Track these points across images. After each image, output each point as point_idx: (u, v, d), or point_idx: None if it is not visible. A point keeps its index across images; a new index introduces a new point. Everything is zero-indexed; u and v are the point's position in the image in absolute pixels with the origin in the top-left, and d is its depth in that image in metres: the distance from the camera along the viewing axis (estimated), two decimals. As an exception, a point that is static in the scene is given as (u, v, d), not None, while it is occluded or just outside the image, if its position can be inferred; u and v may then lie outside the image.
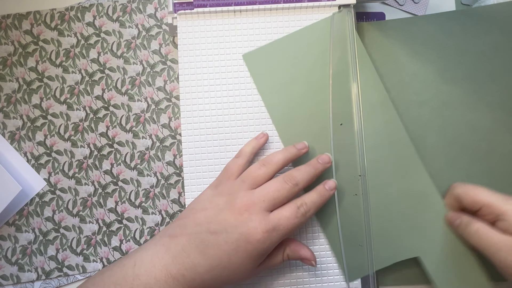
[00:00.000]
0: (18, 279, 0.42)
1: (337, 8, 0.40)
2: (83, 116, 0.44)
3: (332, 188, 0.36)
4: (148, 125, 0.43)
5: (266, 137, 0.38)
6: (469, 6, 0.45)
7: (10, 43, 0.44)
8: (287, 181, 0.34)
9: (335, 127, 0.39)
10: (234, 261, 0.32)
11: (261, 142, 0.38)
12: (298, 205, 0.33)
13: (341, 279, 0.38)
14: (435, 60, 0.42)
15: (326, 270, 0.38)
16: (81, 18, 0.44)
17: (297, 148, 0.37)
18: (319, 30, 0.40)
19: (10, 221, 0.42)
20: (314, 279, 0.38)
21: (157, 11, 0.45)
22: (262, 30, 0.40)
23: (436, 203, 0.38)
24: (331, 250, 0.38)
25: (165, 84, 0.44)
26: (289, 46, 0.40)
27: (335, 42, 0.40)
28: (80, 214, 0.42)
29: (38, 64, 0.44)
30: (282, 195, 0.33)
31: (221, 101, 0.40)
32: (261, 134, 0.39)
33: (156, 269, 0.31)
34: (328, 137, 0.39)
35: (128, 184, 0.43)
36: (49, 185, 0.43)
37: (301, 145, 0.37)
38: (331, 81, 0.39)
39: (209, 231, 0.32)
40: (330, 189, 0.35)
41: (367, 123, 0.39)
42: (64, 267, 0.42)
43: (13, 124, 0.43)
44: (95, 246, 0.42)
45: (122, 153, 0.43)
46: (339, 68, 0.39)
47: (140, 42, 0.44)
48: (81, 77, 0.44)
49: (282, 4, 0.40)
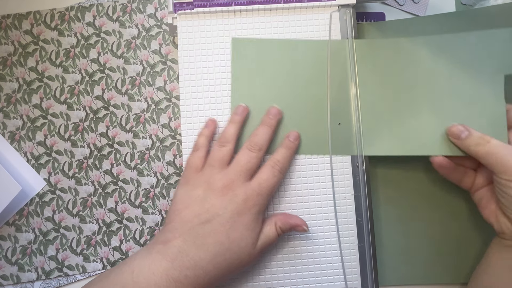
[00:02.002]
0: (18, 279, 0.42)
1: (337, 8, 0.40)
2: (83, 116, 0.44)
3: (296, 137, 0.38)
4: (148, 125, 0.43)
5: (215, 122, 0.39)
6: (469, 7, 0.45)
7: (10, 43, 0.44)
8: (252, 149, 0.36)
9: (333, 126, 0.39)
10: (233, 238, 0.33)
11: (212, 129, 0.38)
12: (272, 165, 0.36)
13: (341, 279, 0.38)
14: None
15: (326, 270, 0.38)
16: (81, 18, 0.44)
17: (239, 114, 0.38)
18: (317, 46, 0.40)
19: (10, 221, 0.42)
20: (314, 279, 0.38)
21: (157, 11, 0.45)
22: (262, 30, 0.40)
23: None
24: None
25: (165, 84, 0.44)
26: (284, 50, 0.40)
27: (332, 43, 0.40)
28: (80, 214, 0.42)
29: (38, 64, 0.44)
30: (253, 163, 0.35)
31: (221, 101, 0.40)
32: (209, 121, 0.39)
33: (155, 276, 0.31)
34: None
35: (128, 184, 0.43)
36: (49, 185, 0.43)
37: (240, 108, 0.38)
38: (329, 81, 0.39)
39: (201, 222, 0.33)
40: (295, 139, 0.37)
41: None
42: (64, 267, 0.42)
43: (13, 124, 0.43)
44: (95, 246, 0.42)
45: (122, 153, 0.43)
46: (337, 74, 0.39)
47: (140, 42, 0.44)
48: (81, 77, 0.44)
49: (282, 4, 0.40)
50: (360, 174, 0.39)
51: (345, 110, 0.39)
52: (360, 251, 0.38)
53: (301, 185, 0.39)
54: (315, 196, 0.39)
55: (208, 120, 0.39)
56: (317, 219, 0.39)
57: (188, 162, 0.37)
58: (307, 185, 0.39)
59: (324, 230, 0.39)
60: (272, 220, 0.36)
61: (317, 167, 0.39)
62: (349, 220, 0.39)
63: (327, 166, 0.39)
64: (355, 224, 0.39)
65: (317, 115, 0.39)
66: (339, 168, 0.39)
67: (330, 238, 0.38)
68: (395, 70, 0.39)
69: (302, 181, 0.39)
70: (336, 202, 0.39)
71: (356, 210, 0.39)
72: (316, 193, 0.39)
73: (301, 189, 0.39)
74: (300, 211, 0.39)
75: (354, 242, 0.38)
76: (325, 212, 0.39)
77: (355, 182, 0.39)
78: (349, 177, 0.39)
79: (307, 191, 0.39)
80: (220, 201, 0.34)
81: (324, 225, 0.39)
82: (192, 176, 0.36)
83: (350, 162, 0.39)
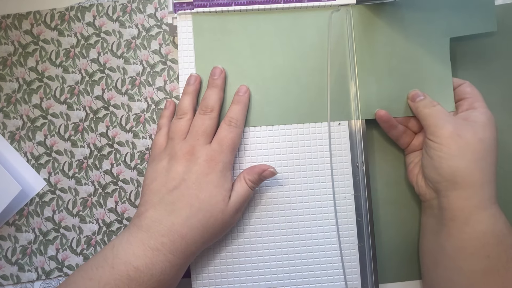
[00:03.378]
0: (18, 279, 0.42)
1: (337, 8, 0.40)
2: (83, 116, 0.44)
3: (244, 91, 0.38)
4: (148, 125, 0.43)
5: (173, 103, 0.40)
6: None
7: (10, 43, 0.44)
8: (204, 112, 0.37)
9: (333, 126, 0.39)
10: (203, 198, 0.34)
11: (171, 109, 0.40)
12: (227, 122, 0.37)
13: (341, 279, 0.38)
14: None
15: (326, 270, 0.38)
16: (81, 18, 0.44)
17: (191, 84, 0.38)
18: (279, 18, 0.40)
19: (10, 221, 0.42)
20: (314, 279, 0.38)
21: (157, 11, 0.45)
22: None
23: None
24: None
25: (165, 84, 0.44)
26: (246, 23, 0.40)
27: (333, 41, 0.40)
28: (80, 214, 0.42)
29: (38, 64, 0.44)
30: (207, 124, 0.36)
31: (221, 101, 0.40)
32: (167, 103, 0.40)
33: (133, 246, 0.32)
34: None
35: (128, 184, 0.43)
36: (49, 185, 0.43)
37: (192, 78, 0.39)
38: (328, 80, 0.39)
39: (169, 190, 0.34)
40: (244, 92, 0.38)
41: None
42: (64, 267, 0.42)
43: (13, 124, 0.43)
44: (95, 246, 0.42)
45: (122, 153, 0.43)
46: (337, 65, 0.39)
47: (140, 42, 0.44)
48: (81, 77, 0.44)
49: (282, 4, 0.40)
50: (360, 174, 0.39)
51: (345, 110, 0.39)
52: (360, 251, 0.38)
53: (301, 185, 0.39)
54: (315, 196, 0.39)
55: (166, 102, 0.41)
56: (317, 219, 0.39)
57: (153, 142, 0.38)
58: (307, 185, 0.39)
59: (324, 230, 0.39)
60: (240, 176, 0.37)
61: (317, 167, 0.39)
62: (349, 220, 0.39)
63: (327, 166, 0.39)
64: (355, 224, 0.39)
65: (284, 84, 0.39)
66: (339, 168, 0.39)
67: (330, 238, 0.38)
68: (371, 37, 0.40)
69: (302, 181, 0.39)
70: (336, 202, 0.38)
71: (356, 210, 0.39)
72: (316, 193, 0.39)
73: (301, 189, 0.39)
74: (300, 211, 0.39)
75: (354, 242, 0.38)
76: (325, 212, 0.39)
77: (355, 182, 0.39)
78: (349, 177, 0.39)
79: (307, 191, 0.39)
80: (184, 166, 0.35)
81: (324, 225, 0.39)
82: (157, 153, 0.37)
83: (350, 162, 0.39)
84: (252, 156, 0.39)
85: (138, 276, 0.31)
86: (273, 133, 0.39)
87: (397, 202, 0.41)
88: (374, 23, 0.40)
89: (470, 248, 0.34)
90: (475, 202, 0.34)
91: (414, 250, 0.41)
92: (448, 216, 0.35)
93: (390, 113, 0.39)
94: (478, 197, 0.34)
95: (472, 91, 0.38)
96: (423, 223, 0.39)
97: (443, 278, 0.36)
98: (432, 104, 0.37)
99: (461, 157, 0.34)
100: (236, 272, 0.38)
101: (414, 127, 0.40)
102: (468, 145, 0.34)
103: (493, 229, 0.34)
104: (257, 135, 0.39)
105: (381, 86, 0.39)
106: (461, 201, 0.34)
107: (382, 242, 0.41)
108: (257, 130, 0.39)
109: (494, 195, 0.35)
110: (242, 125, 0.38)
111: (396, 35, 0.40)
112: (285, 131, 0.39)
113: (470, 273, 0.34)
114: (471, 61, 0.43)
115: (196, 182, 0.34)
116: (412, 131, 0.40)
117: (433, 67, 0.39)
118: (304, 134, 0.39)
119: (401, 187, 0.41)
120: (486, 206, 0.34)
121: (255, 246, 0.38)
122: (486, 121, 0.36)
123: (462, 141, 0.35)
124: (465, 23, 0.40)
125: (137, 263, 0.31)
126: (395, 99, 0.39)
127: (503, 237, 0.34)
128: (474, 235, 0.34)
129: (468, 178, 0.34)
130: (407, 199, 0.41)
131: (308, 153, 0.39)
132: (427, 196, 0.37)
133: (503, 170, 0.41)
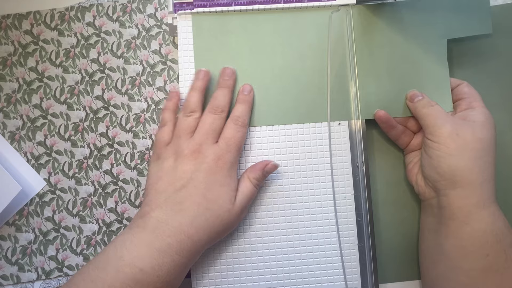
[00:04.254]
0: (18, 279, 0.42)
1: (337, 8, 0.40)
2: (83, 116, 0.44)
3: (249, 90, 0.38)
4: (148, 125, 0.43)
5: (178, 94, 0.39)
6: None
7: (10, 43, 0.44)
8: (214, 111, 0.36)
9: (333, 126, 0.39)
10: (210, 197, 0.33)
11: (175, 101, 0.38)
12: (234, 122, 0.36)
13: (341, 279, 0.38)
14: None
15: (326, 270, 0.38)
16: (81, 18, 0.44)
17: (200, 79, 0.38)
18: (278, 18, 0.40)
19: (10, 221, 0.42)
20: (314, 279, 0.38)
21: (157, 11, 0.45)
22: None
23: None
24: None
25: (165, 84, 0.44)
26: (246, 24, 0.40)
27: (332, 41, 0.40)
28: (80, 214, 0.42)
29: (38, 64, 0.44)
30: (217, 124, 0.36)
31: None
32: (172, 93, 0.39)
33: (138, 247, 0.32)
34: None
35: (128, 184, 0.43)
36: (49, 185, 0.43)
37: (201, 73, 0.38)
38: (328, 80, 0.39)
39: (176, 190, 0.34)
40: (249, 92, 0.38)
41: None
42: (64, 267, 0.42)
43: (13, 124, 0.43)
44: (95, 246, 0.42)
45: (122, 153, 0.43)
46: (337, 64, 0.39)
47: (140, 42, 0.44)
48: (81, 77, 0.44)
49: (282, 4, 0.40)
50: (360, 174, 0.39)
51: (345, 109, 0.39)
52: (360, 251, 0.38)
53: (301, 185, 0.39)
54: (315, 196, 0.39)
55: (170, 92, 0.39)
56: (317, 219, 0.39)
57: (156, 137, 0.37)
58: (307, 185, 0.39)
59: (324, 230, 0.39)
60: (244, 176, 0.37)
61: (317, 167, 0.39)
62: (349, 220, 0.39)
63: (327, 166, 0.39)
64: (355, 224, 0.39)
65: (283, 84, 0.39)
66: (339, 168, 0.39)
67: (330, 238, 0.38)
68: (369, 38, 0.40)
69: (302, 181, 0.39)
70: (336, 202, 0.39)
71: (356, 210, 0.39)
72: (316, 193, 0.39)
73: (301, 189, 0.39)
74: (300, 211, 0.39)
75: (354, 242, 0.39)
76: (325, 212, 0.39)
77: (355, 182, 0.39)
78: (349, 177, 0.39)
79: (307, 191, 0.39)
80: (191, 165, 0.34)
81: (324, 225, 0.39)
82: (162, 150, 0.36)
83: (350, 162, 0.39)
84: (252, 156, 0.39)
85: (144, 278, 0.31)
86: (273, 133, 0.39)
87: (397, 202, 0.41)
88: (373, 24, 0.40)
89: (469, 246, 0.34)
90: (474, 200, 0.34)
91: (414, 250, 0.41)
92: (447, 215, 0.35)
93: (389, 113, 0.39)
94: (477, 196, 0.34)
95: (470, 91, 0.38)
96: (423, 222, 0.39)
97: (442, 277, 0.36)
98: (430, 104, 0.37)
99: (460, 156, 0.34)
100: (236, 272, 0.38)
101: (413, 127, 0.40)
102: (466, 144, 0.35)
103: (492, 227, 0.34)
104: (257, 135, 0.39)
105: (380, 86, 0.40)
106: (460, 200, 0.34)
107: (382, 242, 0.41)
108: (257, 130, 0.39)
109: (493, 194, 0.35)
110: (247, 125, 0.38)
111: (395, 36, 0.40)
112: (285, 131, 0.39)
113: (469, 271, 0.34)
114: (469, 61, 0.43)
115: (203, 181, 0.34)
116: (411, 131, 0.40)
117: (431, 67, 0.40)
118: (304, 134, 0.39)
119: (401, 187, 0.41)
120: (485, 205, 0.34)
121: (255, 246, 0.38)
122: (485, 120, 0.36)
123: (461, 140, 0.35)
124: (462, 25, 0.40)
125: (142, 265, 0.31)
126: (394, 99, 0.39)
127: (502, 236, 0.34)
128: (473, 234, 0.34)
129: (467, 177, 0.34)
130: (407, 199, 0.41)
131: (308, 153, 0.39)
132: (426, 195, 0.37)
133: (502, 170, 0.41)
